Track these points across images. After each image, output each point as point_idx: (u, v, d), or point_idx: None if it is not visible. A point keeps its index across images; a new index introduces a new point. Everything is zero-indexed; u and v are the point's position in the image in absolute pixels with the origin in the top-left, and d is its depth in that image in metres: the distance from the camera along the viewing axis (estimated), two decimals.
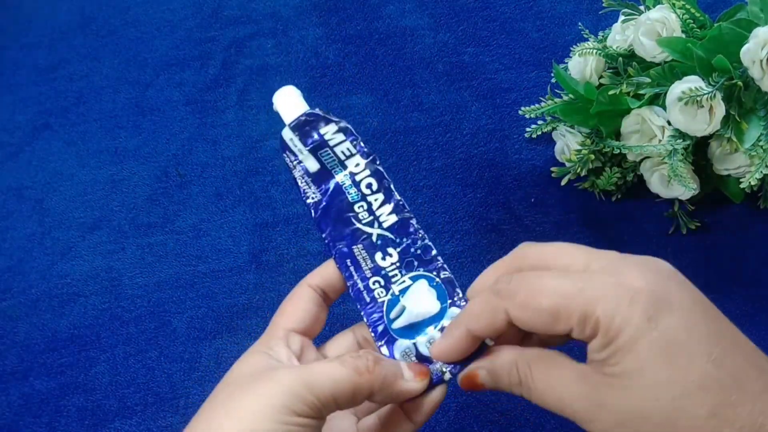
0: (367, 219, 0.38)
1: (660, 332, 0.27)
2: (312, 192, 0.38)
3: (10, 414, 0.50)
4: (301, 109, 0.38)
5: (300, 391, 0.29)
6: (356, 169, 0.38)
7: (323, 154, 0.37)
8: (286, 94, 0.39)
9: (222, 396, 0.30)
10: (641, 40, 0.49)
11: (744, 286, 0.51)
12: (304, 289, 0.36)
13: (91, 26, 0.68)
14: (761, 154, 0.45)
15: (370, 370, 0.30)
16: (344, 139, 0.37)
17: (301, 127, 0.37)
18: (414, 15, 0.66)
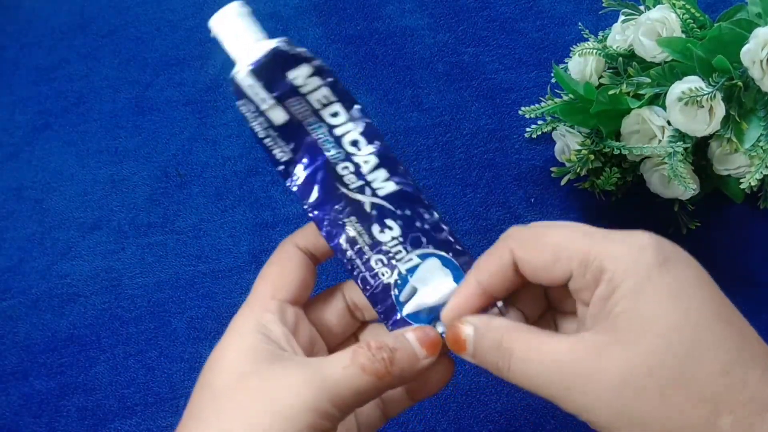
0: (355, 183, 0.31)
1: (672, 278, 0.26)
2: (280, 149, 0.30)
3: (10, 414, 0.50)
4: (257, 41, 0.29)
5: (324, 406, 0.27)
6: (335, 121, 0.30)
7: (293, 103, 0.29)
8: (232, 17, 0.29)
9: (228, 402, 0.27)
10: (641, 40, 0.49)
11: (744, 286, 0.51)
12: (292, 250, 0.33)
13: (91, 26, 0.68)
14: (761, 154, 0.45)
15: (389, 371, 0.28)
16: (320, 83, 0.29)
17: (263, 70, 0.28)
18: (414, 15, 0.66)
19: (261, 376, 0.27)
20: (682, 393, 0.24)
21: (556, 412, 0.47)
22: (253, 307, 0.31)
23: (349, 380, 0.27)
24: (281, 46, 0.28)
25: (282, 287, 0.31)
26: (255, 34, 0.29)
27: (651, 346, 0.25)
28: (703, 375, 0.24)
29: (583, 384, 0.26)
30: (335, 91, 0.30)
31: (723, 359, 0.25)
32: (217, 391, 0.28)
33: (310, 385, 0.27)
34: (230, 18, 0.29)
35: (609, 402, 0.25)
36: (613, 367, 0.25)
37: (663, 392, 0.24)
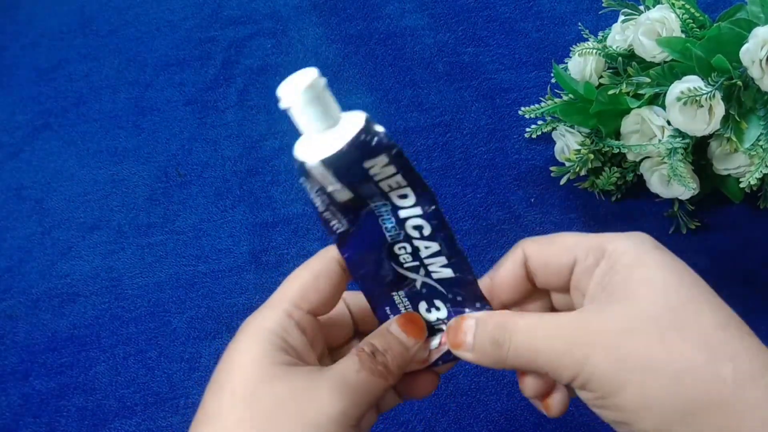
0: (410, 263, 0.30)
1: (669, 257, 0.28)
2: (338, 221, 0.28)
3: (10, 414, 0.50)
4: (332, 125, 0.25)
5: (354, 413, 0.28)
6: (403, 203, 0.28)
7: (363, 187, 0.27)
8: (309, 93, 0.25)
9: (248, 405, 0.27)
10: (641, 40, 0.49)
11: (744, 286, 0.51)
12: (332, 262, 0.31)
13: (91, 26, 0.68)
14: (761, 153, 0.45)
15: (390, 372, 0.30)
16: (395, 172, 0.26)
17: (338, 161, 0.25)
18: (414, 15, 0.66)
19: (285, 383, 0.27)
20: (682, 338, 0.25)
21: None
22: (276, 309, 0.30)
23: (365, 384, 0.29)
24: (360, 138, 0.25)
25: (310, 298, 0.30)
26: (332, 115, 0.25)
27: (650, 300, 0.26)
28: (702, 326, 0.26)
29: (587, 337, 0.26)
30: (408, 178, 0.27)
31: (719, 316, 0.26)
32: (238, 395, 0.27)
33: (336, 393, 0.27)
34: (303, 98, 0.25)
35: (611, 350, 0.26)
36: (615, 318, 0.26)
37: (664, 337, 0.25)
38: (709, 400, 0.25)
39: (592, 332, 0.27)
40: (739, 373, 0.25)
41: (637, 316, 0.26)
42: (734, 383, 0.25)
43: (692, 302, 0.26)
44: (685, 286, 0.27)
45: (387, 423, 0.48)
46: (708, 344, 0.25)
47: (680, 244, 0.53)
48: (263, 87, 0.63)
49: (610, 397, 0.26)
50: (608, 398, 0.26)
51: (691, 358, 0.25)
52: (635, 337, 0.26)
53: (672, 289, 0.27)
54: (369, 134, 0.25)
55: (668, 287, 0.27)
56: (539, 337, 0.28)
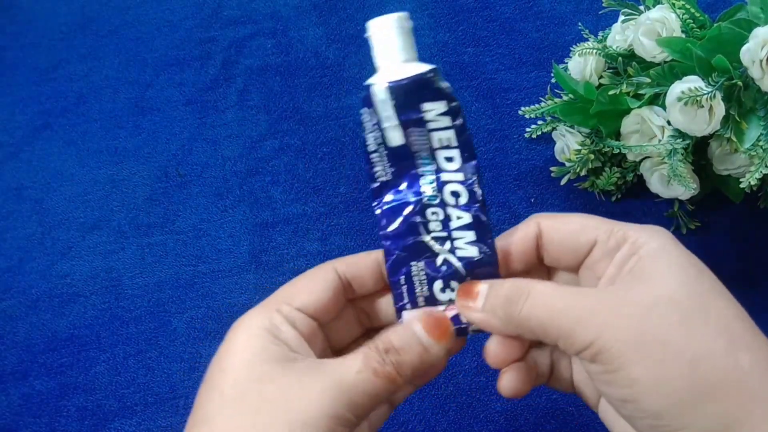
0: (438, 232, 0.30)
1: (686, 250, 0.29)
2: (382, 168, 0.29)
3: (10, 414, 0.50)
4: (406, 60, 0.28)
5: (342, 412, 0.26)
6: (448, 166, 0.29)
7: (415, 132, 0.28)
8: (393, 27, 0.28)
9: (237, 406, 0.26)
10: (641, 40, 0.49)
11: (744, 286, 0.51)
12: (329, 270, 0.31)
13: (91, 26, 0.68)
14: (761, 154, 0.45)
15: (400, 374, 0.28)
16: (449, 125, 0.28)
17: (402, 92, 0.27)
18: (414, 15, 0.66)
19: (274, 381, 0.27)
20: (703, 324, 0.26)
21: (557, 412, 0.47)
22: (265, 307, 0.30)
23: (364, 385, 0.27)
24: (427, 75, 0.28)
25: (301, 297, 0.30)
26: (408, 52, 0.29)
27: (673, 285, 0.27)
28: (723, 315, 0.26)
29: (608, 308, 0.26)
30: (459, 138, 0.28)
31: (736, 309, 0.27)
32: (227, 396, 0.27)
33: (327, 392, 0.26)
34: (389, 26, 0.28)
35: (633, 324, 0.26)
36: (640, 296, 0.26)
37: (685, 320, 0.26)
38: (724, 385, 0.25)
39: (615, 305, 0.26)
40: (755, 362, 0.25)
41: (662, 296, 0.26)
42: (751, 372, 0.25)
43: (713, 292, 0.27)
44: (706, 277, 0.28)
45: (387, 422, 0.48)
46: (728, 332, 0.26)
47: None
48: (263, 87, 0.63)
49: (621, 370, 0.26)
50: (620, 371, 0.26)
51: (712, 342, 0.25)
52: (658, 315, 0.26)
53: (694, 278, 0.27)
54: (436, 77, 0.28)
55: (690, 276, 0.27)
56: (558, 300, 0.27)
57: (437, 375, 0.32)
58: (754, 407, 0.24)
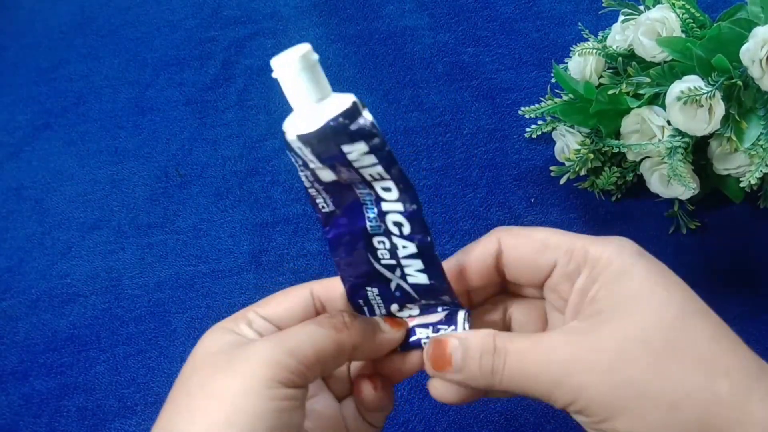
0: (387, 260, 0.30)
1: (653, 264, 0.27)
2: (322, 200, 0.28)
3: (10, 414, 0.50)
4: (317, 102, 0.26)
5: (282, 359, 0.26)
6: (386, 196, 0.27)
7: (343, 170, 0.27)
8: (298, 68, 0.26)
9: (195, 380, 0.27)
10: (641, 40, 0.49)
11: (744, 286, 0.51)
12: (303, 289, 0.32)
13: (91, 26, 0.68)
14: (761, 153, 0.45)
15: (348, 325, 0.29)
16: (375, 162, 0.26)
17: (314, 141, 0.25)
18: (414, 15, 0.66)
19: (226, 353, 0.28)
20: (676, 360, 0.25)
21: (557, 413, 0.47)
22: (229, 318, 0.31)
23: (306, 333, 0.28)
24: (339, 120, 0.25)
25: (268, 308, 0.31)
26: (319, 90, 0.26)
27: (641, 320, 0.26)
28: (695, 342, 0.25)
29: (581, 363, 0.26)
30: (390, 172, 0.26)
31: (711, 328, 0.26)
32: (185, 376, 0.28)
33: (268, 344, 0.27)
34: (293, 65, 0.26)
35: (606, 376, 0.26)
36: (608, 343, 0.26)
37: (657, 361, 0.25)
38: (707, 422, 0.25)
39: (586, 358, 0.26)
40: (734, 388, 0.25)
41: (630, 339, 0.26)
42: (730, 400, 0.25)
43: (683, 317, 0.26)
44: (674, 299, 0.26)
45: (387, 423, 0.48)
46: (703, 362, 0.25)
47: (680, 244, 0.53)
48: (263, 87, 0.63)
49: (607, 421, 0.26)
50: (606, 422, 0.26)
51: (688, 381, 0.25)
52: (629, 362, 0.25)
53: (661, 305, 0.26)
54: (349, 118, 0.25)
55: (657, 303, 0.26)
56: (533, 362, 0.27)
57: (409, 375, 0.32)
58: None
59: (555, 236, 0.29)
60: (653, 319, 0.26)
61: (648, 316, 0.26)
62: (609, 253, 0.27)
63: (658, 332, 0.25)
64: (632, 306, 0.26)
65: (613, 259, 0.27)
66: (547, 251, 0.29)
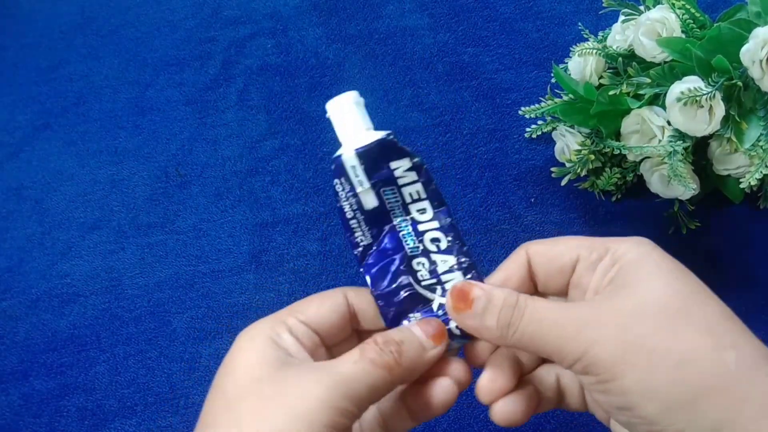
0: (428, 281, 0.31)
1: (668, 255, 0.29)
2: (361, 232, 0.31)
3: (10, 414, 0.50)
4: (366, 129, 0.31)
5: (340, 403, 0.26)
6: (422, 217, 0.31)
7: (386, 192, 0.31)
8: (347, 103, 0.31)
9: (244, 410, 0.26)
10: (641, 40, 0.49)
11: (744, 286, 0.51)
12: (339, 295, 0.32)
13: (91, 26, 0.68)
14: (761, 154, 0.45)
15: (399, 363, 0.29)
16: (416, 179, 0.31)
17: (369, 155, 0.30)
18: (414, 15, 0.66)
19: (274, 380, 0.27)
20: (688, 324, 0.26)
21: (556, 412, 0.47)
22: (272, 317, 0.31)
23: (361, 375, 0.28)
24: (389, 138, 0.30)
25: (308, 312, 0.31)
26: (365, 123, 0.31)
27: (656, 289, 0.27)
28: (708, 315, 0.27)
29: (594, 321, 0.27)
30: (427, 190, 0.31)
31: (722, 310, 0.27)
32: (230, 398, 0.27)
33: (324, 383, 0.27)
34: (346, 104, 0.31)
35: (619, 333, 0.26)
36: (624, 304, 0.27)
37: (671, 323, 0.26)
38: (712, 386, 0.25)
39: (601, 316, 0.27)
40: (741, 360, 0.25)
41: (645, 302, 0.27)
42: (737, 370, 0.25)
43: (697, 294, 0.27)
44: (689, 280, 0.28)
45: None
46: (713, 332, 0.26)
47: (680, 244, 0.53)
48: (263, 87, 0.63)
49: (614, 380, 0.26)
50: (612, 381, 0.26)
51: (697, 344, 0.26)
52: (642, 321, 0.26)
53: (677, 281, 0.28)
54: (395, 138, 0.31)
55: (674, 279, 0.28)
56: (549, 319, 0.28)
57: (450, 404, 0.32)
58: (742, 407, 0.25)
59: (576, 239, 0.31)
60: (669, 290, 0.27)
61: (664, 287, 0.27)
62: (628, 245, 0.29)
63: (673, 300, 0.27)
64: (649, 279, 0.28)
65: (631, 248, 0.29)
66: (570, 249, 0.31)
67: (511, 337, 0.28)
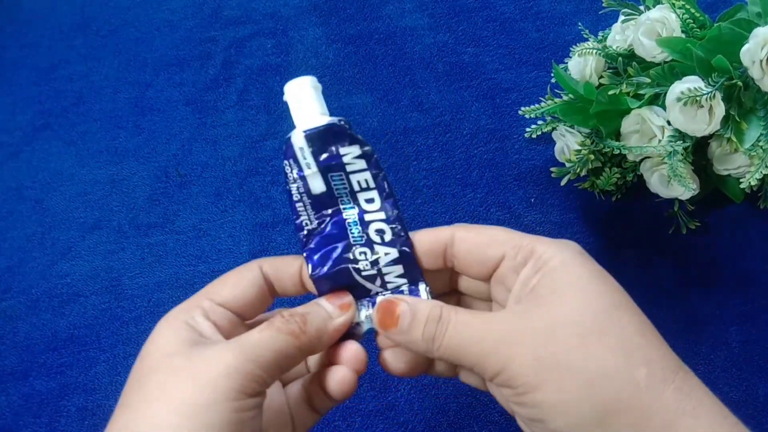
0: (368, 271, 0.32)
1: (593, 264, 0.29)
2: (307, 216, 0.31)
3: (10, 414, 0.50)
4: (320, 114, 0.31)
5: (247, 368, 0.27)
6: (369, 207, 0.31)
7: (334, 177, 0.30)
8: (305, 87, 0.31)
9: (154, 383, 0.27)
10: (641, 40, 0.49)
11: (744, 286, 0.51)
12: (253, 268, 0.32)
13: (91, 26, 0.68)
14: (761, 154, 0.45)
15: (304, 330, 0.29)
16: (365, 167, 0.31)
17: (318, 138, 0.30)
18: (414, 15, 0.66)
19: (184, 354, 0.28)
20: (601, 342, 0.27)
21: None
22: (187, 302, 0.31)
23: (267, 340, 0.28)
24: (340, 123, 0.30)
25: (223, 292, 0.31)
26: (320, 108, 0.31)
27: (573, 305, 0.27)
28: (621, 331, 0.27)
29: (512, 336, 0.28)
30: (376, 180, 0.31)
31: (637, 322, 0.28)
32: (141, 376, 0.28)
33: (231, 350, 0.27)
34: (302, 88, 0.31)
35: (534, 349, 0.27)
36: (540, 319, 0.28)
37: (584, 341, 0.27)
38: (621, 402, 0.26)
39: (518, 332, 0.28)
40: (651, 376, 0.26)
41: (561, 319, 0.27)
42: (646, 386, 0.26)
43: (614, 308, 0.28)
44: (608, 292, 0.28)
45: (387, 423, 0.48)
46: (625, 349, 0.27)
47: (680, 244, 0.53)
48: (263, 87, 0.63)
49: (528, 393, 0.27)
50: (526, 395, 0.27)
51: (608, 361, 0.26)
52: (557, 338, 0.27)
53: (596, 294, 0.28)
54: (347, 125, 0.30)
55: (592, 292, 0.28)
56: (470, 334, 0.28)
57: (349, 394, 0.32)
58: (648, 423, 0.26)
59: (505, 233, 0.31)
60: (585, 306, 0.27)
61: (581, 303, 0.27)
62: (553, 250, 0.29)
63: (588, 317, 0.27)
64: (568, 293, 0.28)
65: (556, 254, 0.29)
66: (496, 245, 0.31)
67: (436, 351, 0.29)
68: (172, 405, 0.26)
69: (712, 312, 0.50)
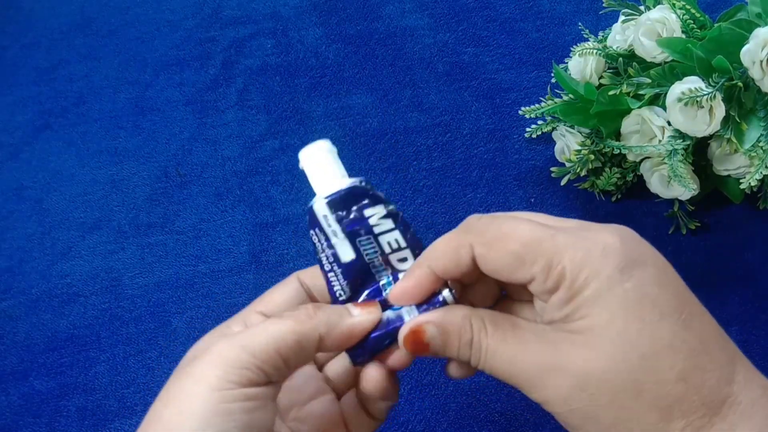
0: None
1: (632, 284, 0.26)
2: (340, 286, 0.30)
3: (10, 414, 0.50)
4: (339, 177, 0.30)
5: (237, 355, 0.26)
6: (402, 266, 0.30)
7: (363, 242, 0.29)
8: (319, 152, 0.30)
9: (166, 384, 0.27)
10: (641, 41, 0.49)
11: (744, 286, 0.51)
12: (291, 282, 0.32)
13: (91, 26, 0.68)
14: (761, 154, 0.45)
15: (311, 315, 0.28)
16: (392, 227, 0.29)
17: (341, 202, 0.29)
18: (414, 15, 0.66)
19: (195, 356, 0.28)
20: (634, 399, 0.25)
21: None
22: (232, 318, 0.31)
23: (265, 326, 0.27)
24: (361, 184, 0.29)
25: (268, 306, 0.31)
26: (338, 171, 0.30)
27: (607, 353, 0.25)
28: (658, 382, 0.25)
29: (545, 381, 0.27)
30: (406, 237, 0.29)
31: (680, 366, 0.25)
32: None
33: (225, 340, 0.27)
34: (318, 153, 0.30)
35: (566, 400, 0.26)
36: (571, 369, 0.26)
37: (616, 397, 0.25)
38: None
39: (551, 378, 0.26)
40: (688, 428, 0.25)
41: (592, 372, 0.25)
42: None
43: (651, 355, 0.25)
44: (646, 333, 0.25)
45: (387, 422, 0.48)
46: (661, 402, 0.25)
47: (680, 244, 0.53)
48: (263, 87, 0.63)
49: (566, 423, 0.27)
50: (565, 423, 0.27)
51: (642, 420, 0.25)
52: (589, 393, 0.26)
53: (630, 342, 0.25)
54: (368, 185, 0.29)
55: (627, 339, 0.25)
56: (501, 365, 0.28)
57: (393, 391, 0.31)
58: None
59: (531, 242, 0.27)
60: (618, 357, 0.25)
61: (614, 352, 0.25)
62: (588, 272, 0.26)
63: (621, 369, 0.25)
64: (601, 337, 0.25)
65: (591, 278, 0.26)
66: (524, 267, 0.27)
67: (476, 368, 0.29)
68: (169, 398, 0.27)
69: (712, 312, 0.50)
